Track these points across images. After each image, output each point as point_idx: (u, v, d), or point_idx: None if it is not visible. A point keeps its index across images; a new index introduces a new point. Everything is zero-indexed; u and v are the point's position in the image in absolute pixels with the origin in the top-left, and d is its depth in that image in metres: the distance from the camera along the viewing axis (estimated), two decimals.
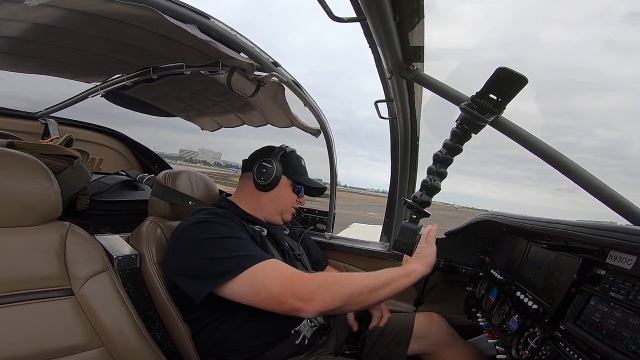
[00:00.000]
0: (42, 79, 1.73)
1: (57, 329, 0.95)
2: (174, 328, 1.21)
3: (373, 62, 1.31)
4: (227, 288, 1.01)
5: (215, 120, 2.28)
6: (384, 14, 0.93)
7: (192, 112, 2.20)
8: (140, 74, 1.75)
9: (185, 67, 1.61)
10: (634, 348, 0.66)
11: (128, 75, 1.77)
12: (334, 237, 2.00)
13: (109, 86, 1.91)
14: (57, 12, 1.09)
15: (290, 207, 1.41)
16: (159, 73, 1.70)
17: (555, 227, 0.99)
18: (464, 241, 1.70)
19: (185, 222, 1.16)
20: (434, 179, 1.23)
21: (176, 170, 1.50)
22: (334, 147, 1.97)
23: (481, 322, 1.32)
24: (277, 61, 1.55)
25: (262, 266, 1.01)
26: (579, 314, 0.83)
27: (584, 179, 1.01)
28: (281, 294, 0.97)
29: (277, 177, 1.33)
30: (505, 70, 0.96)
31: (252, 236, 1.18)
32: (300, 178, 1.40)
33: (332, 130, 1.93)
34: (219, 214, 1.17)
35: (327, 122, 1.89)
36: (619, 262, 0.79)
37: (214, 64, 1.52)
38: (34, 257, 0.98)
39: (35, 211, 1.01)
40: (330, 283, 0.99)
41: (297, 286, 0.98)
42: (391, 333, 1.41)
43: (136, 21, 1.15)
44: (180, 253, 1.11)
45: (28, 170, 1.01)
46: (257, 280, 1.00)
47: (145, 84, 1.81)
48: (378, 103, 1.61)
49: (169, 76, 1.71)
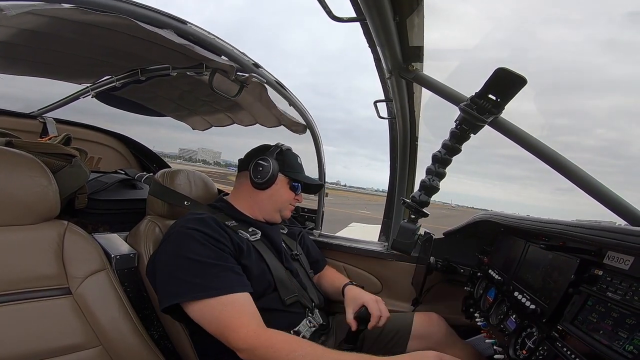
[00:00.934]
0: (37, 79, 1.76)
1: (55, 328, 0.95)
2: (172, 327, 1.21)
3: (373, 62, 1.31)
4: (187, 308, 1.04)
5: (205, 119, 2.32)
6: (384, 14, 0.93)
7: (183, 111, 2.24)
8: (129, 75, 1.79)
9: (171, 68, 1.66)
10: (630, 348, 0.66)
11: (117, 76, 1.81)
12: (330, 236, 2.00)
13: (99, 87, 1.94)
14: (40, 19, 1.12)
15: (289, 205, 1.40)
16: (147, 74, 1.75)
17: (553, 228, 1.00)
18: (463, 241, 1.71)
19: (172, 229, 1.16)
20: (433, 179, 1.23)
21: (174, 170, 1.50)
22: (322, 145, 1.99)
23: (479, 322, 1.33)
24: (257, 62, 1.58)
25: (215, 301, 1.02)
26: (576, 314, 0.83)
27: (581, 179, 1.01)
28: (220, 334, 1.01)
29: (274, 175, 1.33)
30: (504, 70, 0.96)
31: (237, 245, 1.17)
32: (297, 175, 1.40)
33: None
34: (205, 224, 1.14)
35: (313, 121, 1.90)
36: (617, 263, 0.80)
37: (198, 66, 1.58)
38: (32, 256, 0.98)
39: (33, 210, 1.01)
40: (276, 348, 0.94)
41: (232, 337, 0.98)
42: (390, 333, 1.41)
43: (116, 27, 1.19)
44: (158, 261, 1.13)
45: (26, 169, 1.01)
46: (207, 313, 1.02)
47: (134, 84, 1.85)
48: (377, 103, 1.61)
49: (157, 77, 1.76)
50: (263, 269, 1.22)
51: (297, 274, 1.38)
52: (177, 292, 1.04)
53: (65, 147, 1.32)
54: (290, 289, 1.26)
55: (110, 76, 1.83)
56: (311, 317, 1.29)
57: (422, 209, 1.31)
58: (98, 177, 1.83)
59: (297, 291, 1.29)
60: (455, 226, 1.71)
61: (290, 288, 1.26)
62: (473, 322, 1.38)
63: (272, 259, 1.28)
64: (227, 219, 1.28)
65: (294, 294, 1.26)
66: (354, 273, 1.79)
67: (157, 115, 2.31)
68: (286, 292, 1.24)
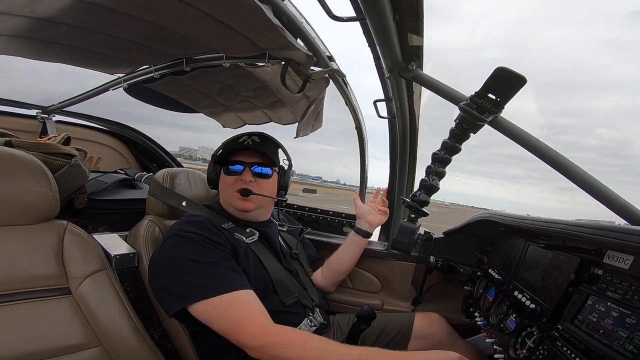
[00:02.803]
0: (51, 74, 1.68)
1: (55, 329, 0.95)
2: (172, 327, 1.21)
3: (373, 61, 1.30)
4: (192, 309, 1.03)
5: (239, 116, 2.15)
6: (384, 14, 0.93)
7: (217, 107, 2.05)
8: (171, 65, 1.62)
9: (224, 58, 1.48)
10: (630, 348, 0.66)
11: (157, 66, 1.64)
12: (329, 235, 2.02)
13: (134, 78, 1.77)
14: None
15: (232, 193, 1.28)
16: (193, 65, 1.57)
17: (553, 227, 1.00)
18: (462, 241, 1.71)
19: (169, 233, 1.16)
20: (433, 179, 1.23)
21: (175, 170, 1.49)
22: (367, 148, 1.98)
23: (479, 322, 1.33)
24: (332, 55, 1.38)
25: (220, 300, 1.01)
26: (576, 313, 0.83)
27: (581, 178, 1.01)
28: (229, 332, 0.99)
29: (211, 173, 1.34)
30: (504, 70, 0.96)
31: (234, 248, 1.16)
32: (223, 156, 1.31)
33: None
34: (201, 226, 1.14)
35: (363, 122, 1.88)
36: (616, 262, 0.80)
37: (259, 56, 1.37)
38: (32, 256, 0.98)
39: (33, 210, 1.01)
40: (286, 343, 0.93)
41: (242, 335, 0.97)
42: (391, 333, 1.41)
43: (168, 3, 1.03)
44: (158, 266, 1.12)
45: (26, 169, 1.00)
46: (213, 312, 1.01)
47: (172, 76, 1.68)
48: (377, 102, 1.61)
49: (203, 68, 1.60)
50: (261, 272, 1.21)
51: (296, 273, 1.38)
52: (183, 294, 1.03)
53: (64, 147, 1.32)
54: (289, 290, 1.26)
55: (149, 66, 1.65)
56: (312, 317, 1.29)
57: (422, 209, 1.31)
58: (98, 177, 1.83)
59: (297, 291, 1.28)
60: (455, 225, 1.71)
61: (289, 289, 1.26)
62: (473, 321, 1.38)
63: (271, 260, 1.27)
64: (223, 220, 1.27)
65: (293, 295, 1.26)
66: (354, 272, 1.79)
67: (187, 111, 2.14)
68: (285, 294, 1.23)
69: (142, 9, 1.09)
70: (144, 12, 1.11)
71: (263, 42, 1.18)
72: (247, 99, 1.88)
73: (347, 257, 1.61)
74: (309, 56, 1.21)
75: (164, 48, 1.40)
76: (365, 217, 1.63)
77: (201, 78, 1.69)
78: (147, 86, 1.80)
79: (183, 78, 1.68)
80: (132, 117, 2.65)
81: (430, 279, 1.66)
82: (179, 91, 1.87)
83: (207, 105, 2.01)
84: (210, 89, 1.82)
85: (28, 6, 1.06)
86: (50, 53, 1.44)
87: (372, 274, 1.83)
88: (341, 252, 1.62)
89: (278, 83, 1.40)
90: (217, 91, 1.83)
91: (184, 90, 1.85)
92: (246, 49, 1.23)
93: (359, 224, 1.64)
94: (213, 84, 1.76)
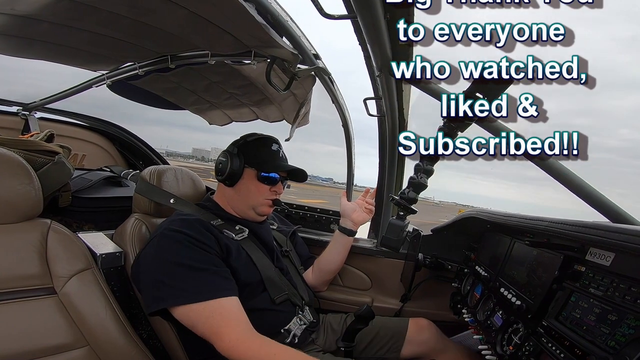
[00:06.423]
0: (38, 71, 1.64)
1: (40, 329, 0.93)
2: (161, 326, 1.20)
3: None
4: (173, 312, 1.04)
5: (226, 114, 2.13)
6: (375, 12, 0.93)
7: (203, 105, 2.03)
8: (156, 62, 1.58)
9: (210, 55, 1.45)
10: (612, 344, 0.68)
11: (141, 63, 1.60)
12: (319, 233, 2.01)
13: (118, 75, 1.73)
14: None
15: (263, 200, 1.30)
16: (178, 62, 1.54)
17: (538, 224, 1.02)
18: (450, 238, 1.73)
19: (156, 232, 1.15)
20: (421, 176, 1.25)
21: (162, 167, 1.47)
22: (354, 146, 1.98)
23: (467, 318, 1.35)
24: (318, 53, 1.38)
25: (200, 306, 1.02)
26: (560, 310, 0.85)
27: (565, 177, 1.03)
28: (208, 339, 1.01)
29: (235, 170, 1.27)
30: None
31: (225, 247, 1.15)
32: (265, 166, 1.30)
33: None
34: (189, 225, 1.13)
35: (349, 120, 1.88)
36: (598, 259, 0.82)
37: (245, 53, 1.35)
38: (14, 255, 0.95)
39: (15, 208, 0.98)
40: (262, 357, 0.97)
41: (219, 344, 0.99)
42: (384, 337, 1.43)
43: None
44: (142, 264, 1.11)
45: (7, 166, 0.98)
46: (193, 317, 1.02)
47: (157, 74, 1.65)
48: (367, 100, 1.61)
49: (188, 65, 1.57)
50: (251, 270, 1.20)
51: (287, 271, 1.38)
52: (162, 296, 1.03)
53: (47, 144, 1.28)
54: (280, 288, 1.26)
55: (133, 63, 1.62)
56: (301, 315, 1.29)
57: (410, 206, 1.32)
58: (82, 175, 1.79)
59: (287, 289, 1.28)
60: (443, 223, 1.73)
61: (280, 287, 1.26)
62: (461, 318, 1.40)
63: (261, 257, 1.27)
64: (213, 217, 1.26)
65: (284, 293, 1.25)
66: (344, 270, 1.80)
67: (173, 108, 2.11)
68: (276, 291, 1.23)
69: (125, 7, 1.09)
70: (127, 10, 1.11)
71: (248, 40, 1.19)
72: (234, 96, 1.88)
73: (334, 256, 1.60)
74: (294, 54, 1.22)
75: (148, 45, 1.39)
76: (349, 216, 1.60)
77: (187, 75, 1.67)
78: (131, 83, 1.77)
79: (168, 75, 1.66)
80: (144, 120, 2.60)
81: (419, 275, 1.68)
82: (164, 88, 1.86)
83: (193, 102, 2.01)
84: (196, 86, 1.81)
85: (8, 4, 1.04)
86: (32, 50, 1.42)
87: (362, 272, 1.84)
88: (328, 251, 1.61)
89: (264, 80, 1.40)
90: (203, 88, 1.82)
91: (169, 88, 1.84)
92: (231, 46, 1.25)
93: (342, 222, 1.62)
94: (199, 81, 1.75)
